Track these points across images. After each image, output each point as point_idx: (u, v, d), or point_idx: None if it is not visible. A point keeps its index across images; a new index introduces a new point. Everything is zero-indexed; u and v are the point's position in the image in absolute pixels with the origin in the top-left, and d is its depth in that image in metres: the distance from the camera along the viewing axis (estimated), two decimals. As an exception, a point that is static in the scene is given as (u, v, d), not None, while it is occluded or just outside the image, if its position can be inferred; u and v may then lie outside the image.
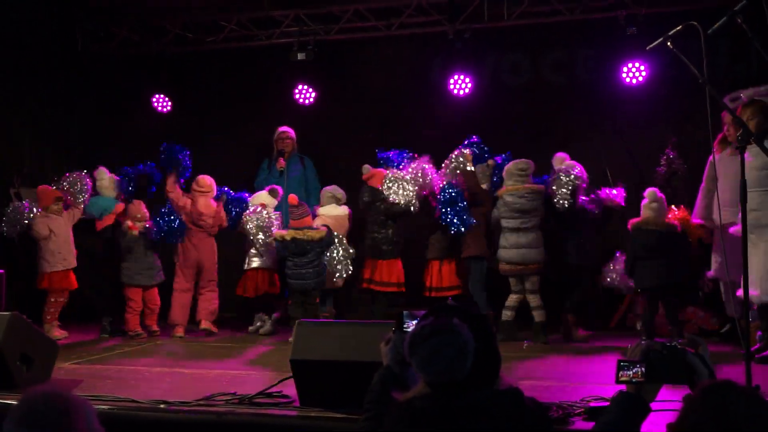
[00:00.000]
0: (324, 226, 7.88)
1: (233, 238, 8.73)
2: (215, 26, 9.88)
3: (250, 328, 8.41)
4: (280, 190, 8.50)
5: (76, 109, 10.40)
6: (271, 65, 9.97)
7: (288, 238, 7.70)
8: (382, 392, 3.14)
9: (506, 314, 7.81)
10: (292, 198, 8.02)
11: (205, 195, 8.52)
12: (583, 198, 7.63)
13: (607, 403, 4.49)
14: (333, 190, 8.56)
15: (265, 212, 8.16)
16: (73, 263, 8.34)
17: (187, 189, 8.61)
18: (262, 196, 8.41)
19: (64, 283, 8.26)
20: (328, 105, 9.83)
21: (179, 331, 8.30)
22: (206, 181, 8.56)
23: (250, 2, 9.53)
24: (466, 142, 8.31)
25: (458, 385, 2.66)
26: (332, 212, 8.38)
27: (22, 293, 8.55)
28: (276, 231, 7.95)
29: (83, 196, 8.38)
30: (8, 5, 9.22)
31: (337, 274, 7.90)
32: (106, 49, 10.17)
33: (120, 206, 8.51)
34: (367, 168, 8.33)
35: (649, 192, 7.28)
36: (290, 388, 4.90)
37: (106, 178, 8.61)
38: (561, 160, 7.87)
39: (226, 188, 8.64)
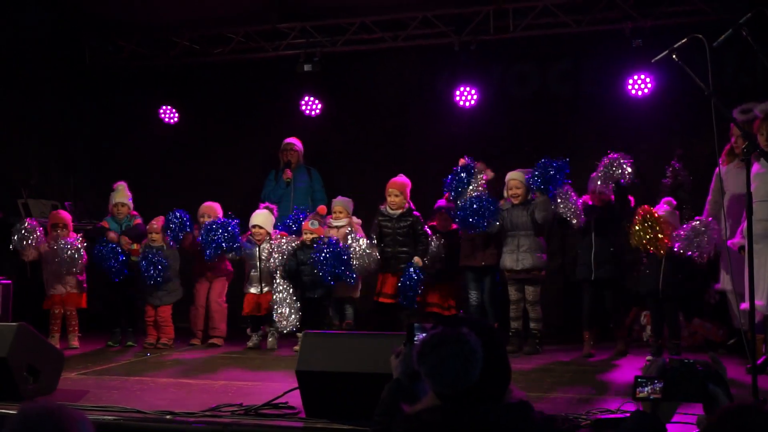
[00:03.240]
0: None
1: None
2: (222, 38, 9.93)
3: (249, 343, 8.36)
4: (275, 209, 8.50)
5: (84, 121, 10.45)
6: (277, 77, 10.01)
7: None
8: (392, 405, 3.14)
9: (513, 325, 7.82)
10: (322, 209, 8.22)
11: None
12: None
13: (613, 416, 4.52)
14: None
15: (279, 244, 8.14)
16: (69, 291, 8.21)
17: None
18: (260, 217, 8.37)
19: (56, 305, 8.22)
20: (335, 116, 9.87)
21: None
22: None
23: (257, 15, 9.58)
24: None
25: (467, 397, 2.65)
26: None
27: (29, 304, 8.57)
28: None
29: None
30: (17, 19, 9.29)
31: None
32: (114, 62, 10.24)
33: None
34: None
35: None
36: (296, 399, 4.90)
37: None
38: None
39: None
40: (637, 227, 7.04)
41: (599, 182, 7.43)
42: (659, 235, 6.96)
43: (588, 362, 7.24)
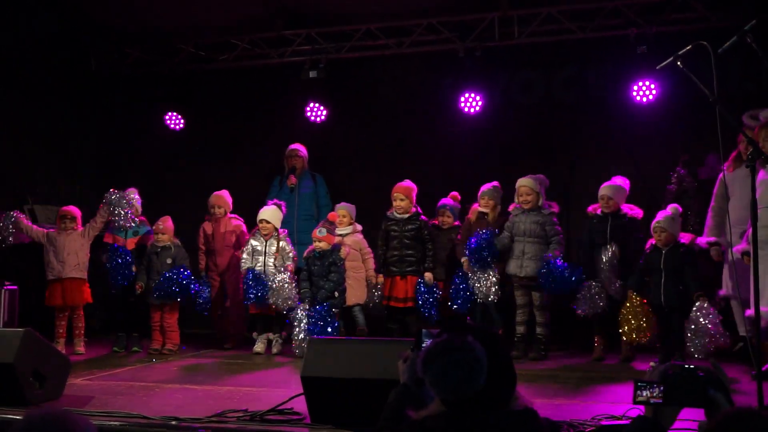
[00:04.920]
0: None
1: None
2: (227, 45, 9.96)
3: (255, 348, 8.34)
4: (283, 206, 8.53)
5: (89, 127, 10.48)
6: (283, 83, 10.04)
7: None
8: (398, 410, 3.13)
9: (519, 330, 7.82)
10: (333, 216, 8.27)
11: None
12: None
13: (618, 422, 4.51)
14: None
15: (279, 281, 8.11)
16: (68, 274, 8.16)
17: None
18: (267, 212, 8.40)
19: (57, 299, 8.20)
20: (340, 123, 9.89)
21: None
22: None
23: (263, 22, 9.61)
24: None
25: (473, 404, 2.65)
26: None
27: (34, 309, 8.59)
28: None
29: (122, 211, 8.22)
30: (23, 26, 9.33)
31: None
32: (120, 69, 10.28)
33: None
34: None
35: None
36: (301, 405, 4.90)
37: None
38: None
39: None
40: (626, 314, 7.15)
41: None
42: (643, 326, 7.08)
43: (593, 368, 7.23)
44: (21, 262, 8.88)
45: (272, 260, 8.19)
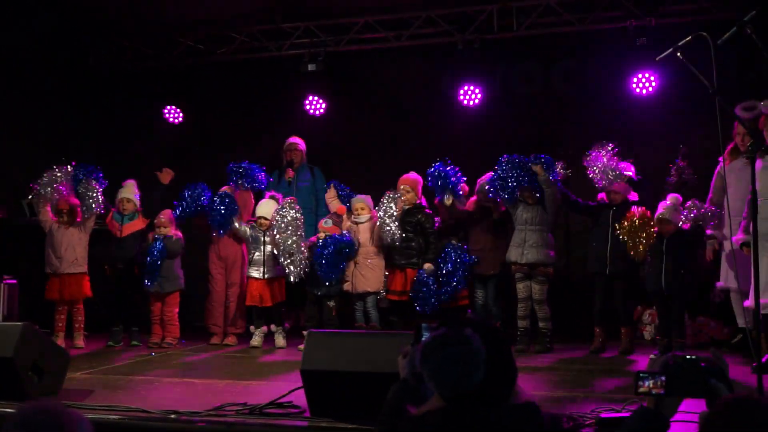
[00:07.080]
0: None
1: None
2: (226, 38, 9.94)
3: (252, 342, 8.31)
4: (279, 198, 8.49)
5: (88, 121, 10.45)
6: (281, 76, 10.02)
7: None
8: (398, 405, 3.11)
9: (521, 324, 7.81)
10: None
11: None
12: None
13: (618, 414, 4.51)
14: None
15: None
16: (66, 270, 8.15)
17: None
18: (264, 208, 8.35)
19: (54, 293, 8.19)
20: (339, 116, 9.87)
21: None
22: None
23: (261, 14, 9.59)
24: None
25: (472, 399, 2.63)
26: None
27: (34, 303, 8.59)
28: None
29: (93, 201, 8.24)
30: (21, 22, 9.31)
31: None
32: (118, 63, 10.25)
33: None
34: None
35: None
36: (301, 399, 4.90)
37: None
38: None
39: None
40: (626, 227, 7.08)
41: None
42: (641, 241, 7.00)
43: (593, 360, 7.24)
44: (21, 257, 8.87)
45: (270, 247, 8.19)
